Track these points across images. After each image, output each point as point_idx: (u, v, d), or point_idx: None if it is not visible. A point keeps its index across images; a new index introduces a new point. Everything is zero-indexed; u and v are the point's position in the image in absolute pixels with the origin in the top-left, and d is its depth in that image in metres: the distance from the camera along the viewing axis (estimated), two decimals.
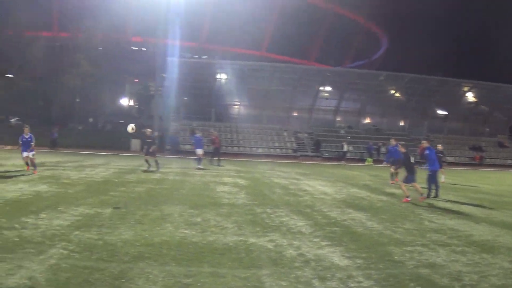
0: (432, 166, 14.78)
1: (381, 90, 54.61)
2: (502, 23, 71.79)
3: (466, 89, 55.19)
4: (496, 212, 12.41)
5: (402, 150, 15.00)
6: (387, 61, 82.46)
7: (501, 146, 53.63)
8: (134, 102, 69.73)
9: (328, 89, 54.81)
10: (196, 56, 64.56)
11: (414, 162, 14.12)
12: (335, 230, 8.72)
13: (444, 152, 22.59)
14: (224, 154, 34.28)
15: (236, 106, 54.93)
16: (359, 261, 6.57)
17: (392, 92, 55.79)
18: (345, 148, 45.23)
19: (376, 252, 7.14)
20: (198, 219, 9.18)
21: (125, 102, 67.27)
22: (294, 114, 55.61)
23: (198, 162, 23.55)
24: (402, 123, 57.87)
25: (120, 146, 41.78)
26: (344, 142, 45.78)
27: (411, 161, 14.05)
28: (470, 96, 56.48)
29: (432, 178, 14.76)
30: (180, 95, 49.02)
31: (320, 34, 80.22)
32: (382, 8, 73.45)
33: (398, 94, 56.15)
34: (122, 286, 5.16)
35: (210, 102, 51.08)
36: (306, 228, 8.83)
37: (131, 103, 69.72)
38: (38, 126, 32.83)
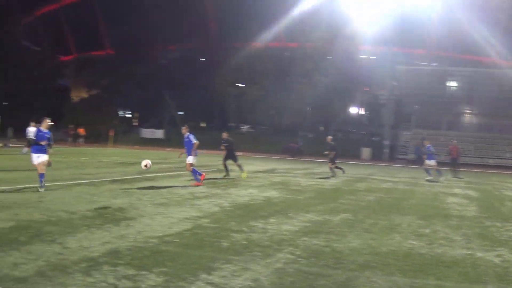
0: None
1: None
2: None
3: None
4: None
5: None
6: None
7: None
8: (364, 110, 69.67)
9: None
10: (425, 63, 61.83)
11: None
12: None
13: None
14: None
15: (466, 115, 51.32)
16: None
17: None
18: None
19: None
20: (427, 230, 8.72)
21: (354, 110, 67.66)
22: None
23: (433, 173, 22.01)
24: None
25: (350, 154, 41.77)
26: None
27: None
28: None
29: None
30: (410, 104, 47.45)
31: None
32: None
33: None
34: None
35: (440, 111, 48.40)
36: None
37: (361, 112, 69.75)
38: (269, 134, 35.16)
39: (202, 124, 69.39)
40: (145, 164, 10.38)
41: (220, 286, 4.97)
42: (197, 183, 14.47)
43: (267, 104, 53.88)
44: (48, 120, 12.74)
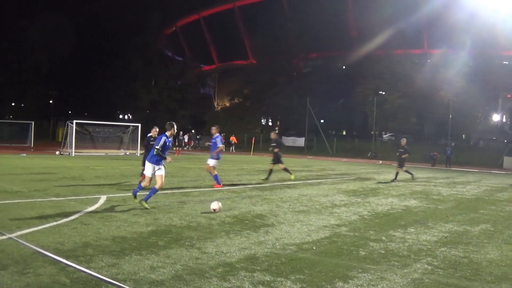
0: None
1: None
2: None
3: None
4: None
5: None
6: None
7: None
8: (506, 118, 65.06)
9: None
10: None
11: None
12: None
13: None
14: None
15: None
16: None
17: None
18: None
19: None
20: None
21: (496, 118, 63.29)
22: None
23: None
24: None
25: (492, 163, 40.36)
26: None
27: None
28: None
29: None
30: None
31: None
32: None
33: None
34: None
35: None
36: None
37: (504, 119, 65.19)
38: (410, 143, 33.76)
39: (343, 132, 69.49)
40: (214, 207, 9.18)
41: None
42: (216, 185, 14.45)
43: (409, 111, 52.34)
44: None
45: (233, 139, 51.68)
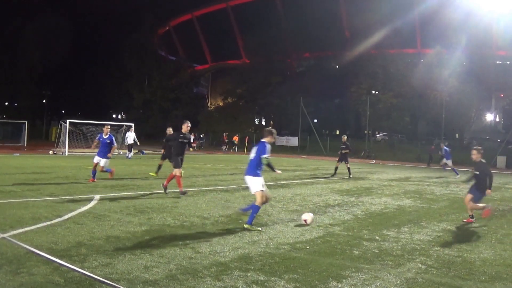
0: None
1: None
2: None
3: None
4: None
5: None
6: None
7: None
8: (499, 117, 65.54)
9: None
10: None
11: None
12: None
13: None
14: None
15: None
16: None
17: None
18: None
19: None
20: None
21: (490, 117, 63.76)
22: None
23: None
24: None
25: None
26: None
27: None
28: None
29: None
30: None
31: None
32: None
33: None
34: None
35: None
36: None
37: (497, 119, 65.68)
38: (403, 142, 33.99)
39: (336, 131, 69.59)
40: (305, 218, 8.76)
41: None
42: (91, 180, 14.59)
43: (402, 111, 52.45)
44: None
45: (235, 139, 51.71)
